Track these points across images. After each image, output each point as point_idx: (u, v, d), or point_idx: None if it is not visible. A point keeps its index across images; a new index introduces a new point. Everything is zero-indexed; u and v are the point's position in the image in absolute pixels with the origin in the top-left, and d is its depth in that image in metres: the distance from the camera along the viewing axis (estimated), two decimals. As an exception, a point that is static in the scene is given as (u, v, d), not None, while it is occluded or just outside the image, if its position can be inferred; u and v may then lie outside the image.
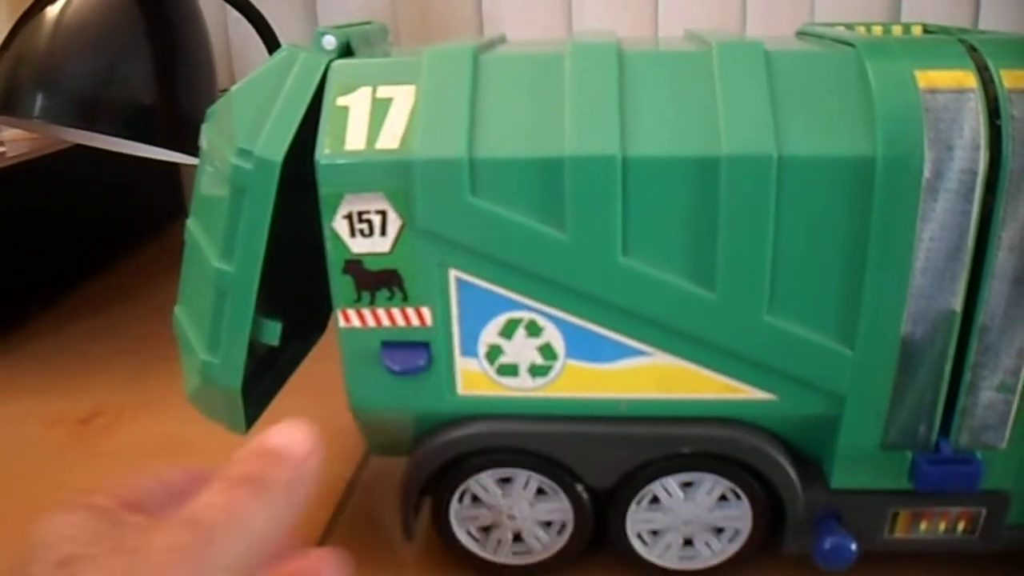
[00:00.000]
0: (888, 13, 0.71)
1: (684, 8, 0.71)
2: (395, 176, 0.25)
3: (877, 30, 0.33)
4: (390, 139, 0.25)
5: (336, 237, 0.25)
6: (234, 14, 0.59)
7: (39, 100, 0.40)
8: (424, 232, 0.25)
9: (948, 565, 0.29)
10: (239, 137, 0.26)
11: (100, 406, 0.44)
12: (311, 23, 0.74)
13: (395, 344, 0.26)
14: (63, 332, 0.53)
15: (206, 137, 0.29)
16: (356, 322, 0.26)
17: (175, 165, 0.74)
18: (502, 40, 0.31)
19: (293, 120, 0.25)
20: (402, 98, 0.25)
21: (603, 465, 0.27)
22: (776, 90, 0.24)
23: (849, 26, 0.34)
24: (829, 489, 0.27)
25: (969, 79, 0.24)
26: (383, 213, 0.25)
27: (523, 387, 0.27)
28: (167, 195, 0.75)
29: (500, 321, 0.26)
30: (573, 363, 0.26)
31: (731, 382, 0.26)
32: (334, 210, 0.25)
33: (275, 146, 0.25)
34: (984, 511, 0.27)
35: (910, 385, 0.26)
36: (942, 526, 0.28)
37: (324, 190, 0.25)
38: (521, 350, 0.26)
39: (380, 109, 0.25)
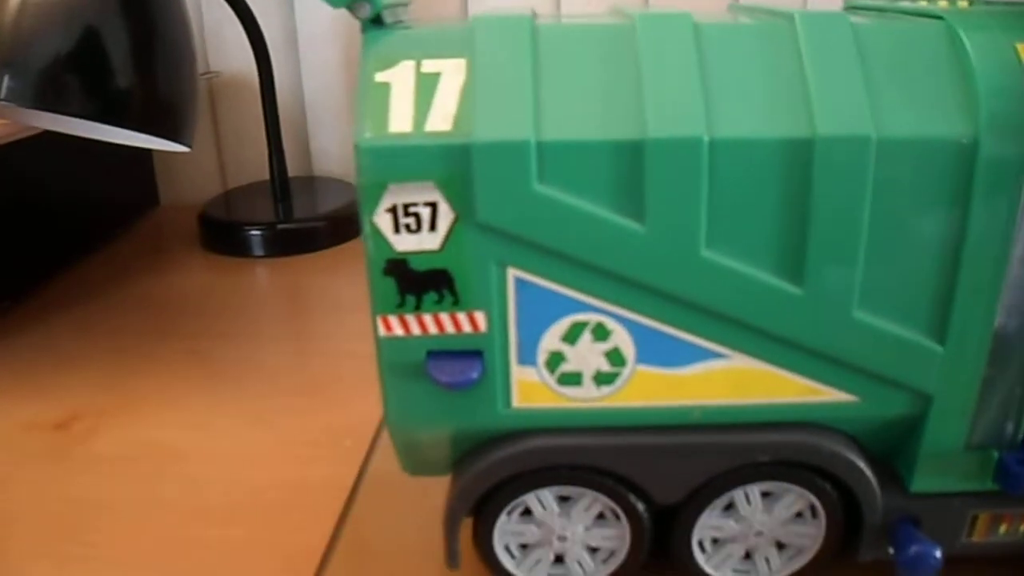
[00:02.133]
0: None
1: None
2: (449, 162, 0.21)
3: (924, 3, 0.31)
4: (441, 120, 0.21)
5: (377, 233, 0.22)
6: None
7: (6, 81, 0.35)
8: (482, 226, 0.22)
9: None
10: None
11: (78, 409, 0.39)
12: (288, 4, 0.69)
13: (443, 354, 0.23)
14: (33, 330, 0.48)
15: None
16: (399, 330, 0.23)
17: (147, 153, 0.68)
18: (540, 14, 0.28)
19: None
20: (452, 73, 0.22)
21: (673, 479, 0.25)
22: (868, 66, 0.22)
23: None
24: (908, 493, 0.25)
25: (1070, 53, 0.22)
26: (433, 205, 0.22)
27: (587, 397, 0.24)
28: (140, 185, 0.69)
29: (564, 325, 0.23)
30: (643, 368, 0.23)
31: (812, 384, 0.24)
32: (376, 202, 0.22)
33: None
34: (1066, 511, 0.26)
35: (1000, 381, 0.24)
36: (1022, 527, 0.26)
37: (365, 179, 0.21)
38: (586, 356, 0.23)
39: (427, 85, 0.22)
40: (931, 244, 0.23)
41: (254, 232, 0.58)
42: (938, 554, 0.25)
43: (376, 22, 0.23)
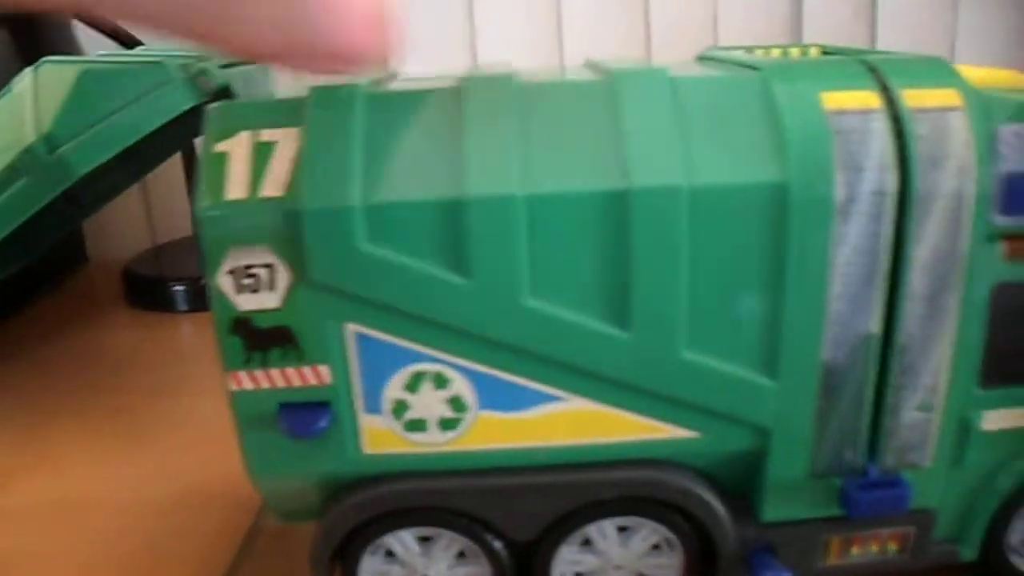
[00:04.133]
0: (790, 35, 0.73)
1: (587, 37, 0.71)
2: (282, 226, 0.23)
3: (775, 53, 0.33)
4: (274, 187, 0.23)
5: (221, 294, 0.23)
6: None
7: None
8: (317, 285, 0.23)
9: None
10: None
11: (-5, 467, 0.40)
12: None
13: (293, 405, 0.24)
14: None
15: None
16: (248, 384, 0.24)
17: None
18: (393, 76, 0.29)
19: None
20: (286, 141, 0.23)
21: (524, 517, 0.26)
22: (683, 118, 0.23)
23: (749, 49, 0.33)
24: (760, 523, 0.26)
25: (873, 99, 0.24)
26: (270, 266, 0.23)
27: (433, 442, 0.25)
28: (67, 242, 0.69)
29: (404, 375, 0.24)
30: (485, 414, 0.25)
31: (652, 422, 0.25)
32: (217, 265, 0.23)
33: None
34: (913, 530, 0.27)
35: (834, 411, 0.25)
36: (874, 548, 0.27)
37: (205, 244, 0.23)
38: (429, 404, 0.24)
39: (262, 154, 0.23)
40: (753, 284, 0.24)
41: (178, 287, 0.59)
42: (784, 579, 0.26)
43: (224, 94, 0.25)
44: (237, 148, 0.23)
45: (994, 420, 0.26)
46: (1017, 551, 0.29)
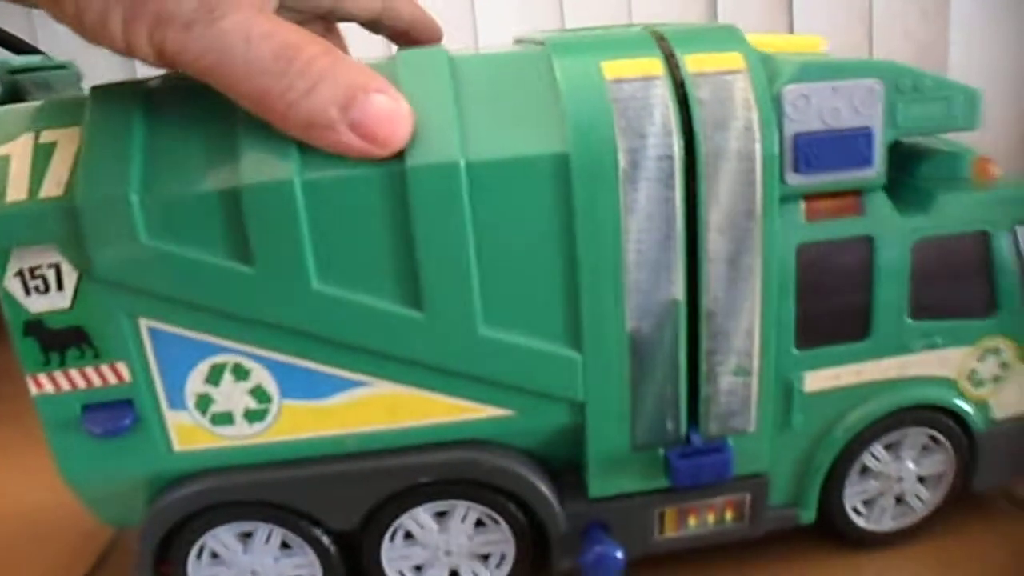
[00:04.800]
0: (705, 18, 0.73)
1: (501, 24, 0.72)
2: (63, 224, 0.23)
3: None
4: (54, 186, 0.23)
5: (10, 297, 0.23)
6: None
7: None
8: (103, 282, 0.23)
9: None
10: None
11: None
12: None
13: (96, 406, 0.24)
14: None
15: None
16: (49, 387, 0.24)
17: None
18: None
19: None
20: (67, 141, 0.23)
21: (341, 506, 0.25)
22: (463, 95, 0.23)
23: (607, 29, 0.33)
24: (589, 498, 0.26)
25: (655, 66, 0.23)
26: (56, 266, 0.23)
27: (242, 435, 0.25)
28: None
29: (203, 368, 0.24)
30: (289, 403, 0.24)
31: (462, 403, 0.25)
32: (3, 268, 0.23)
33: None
34: (748, 496, 0.26)
35: (648, 381, 0.25)
36: (711, 518, 0.27)
37: None
38: (231, 396, 0.24)
39: (42, 155, 0.23)
40: (547, 256, 0.23)
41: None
42: (619, 555, 0.25)
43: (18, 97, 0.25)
44: (17, 151, 0.23)
45: (815, 381, 0.26)
46: (857, 509, 0.28)
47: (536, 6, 0.75)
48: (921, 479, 0.28)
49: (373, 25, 0.32)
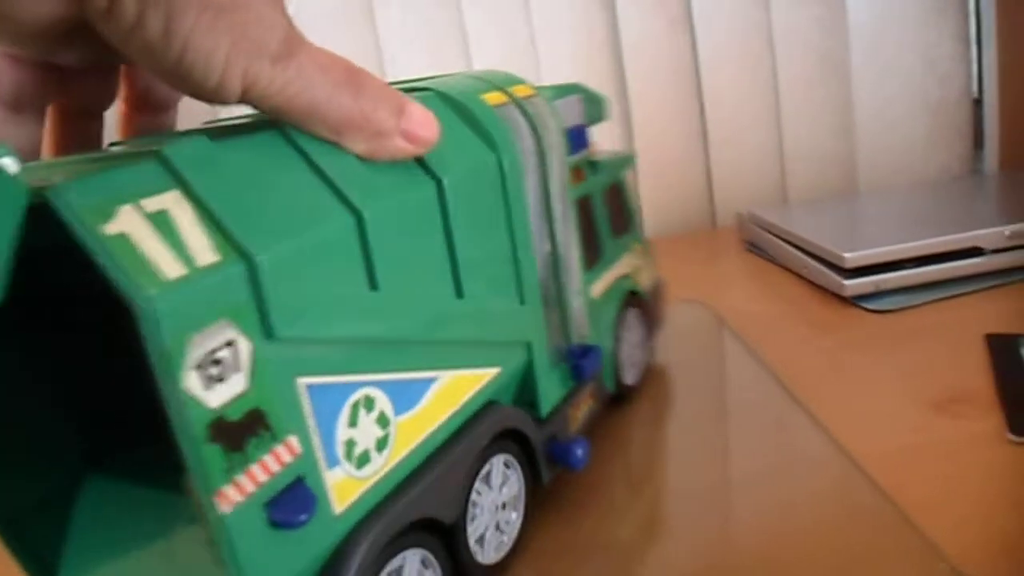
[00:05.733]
0: (609, 49, 0.76)
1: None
2: (235, 290, 0.20)
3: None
4: (205, 253, 0.19)
5: (191, 399, 0.19)
6: None
7: None
8: (278, 342, 0.21)
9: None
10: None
11: None
12: None
13: (278, 498, 0.21)
14: None
15: None
16: (237, 497, 0.20)
17: None
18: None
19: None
20: (176, 207, 0.20)
21: (453, 498, 0.27)
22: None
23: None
24: (542, 420, 0.33)
25: (505, 95, 0.32)
26: (232, 343, 0.20)
27: (377, 468, 0.24)
28: None
29: (346, 412, 0.23)
30: (400, 420, 0.25)
31: (480, 371, 0.29)
32: (180, 363, 0.18)
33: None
34: (597, 384, 0.37)
35: (550, 314, 0.33)
36: (585, 407, 0.36)
37: (165, 340, 0.18)
38: (367, 431, 0.24)
39: (163, 225, 0.19)
40: (502, 236, 0.30)
41: None
42: (587, 444, 0.33)
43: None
44: (133, 225, 0.19)
45: (596, 290, 0.38)
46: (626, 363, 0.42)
47: (443, 47, 0.74)
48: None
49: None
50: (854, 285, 0.52)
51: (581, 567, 0.31)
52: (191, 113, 0.31)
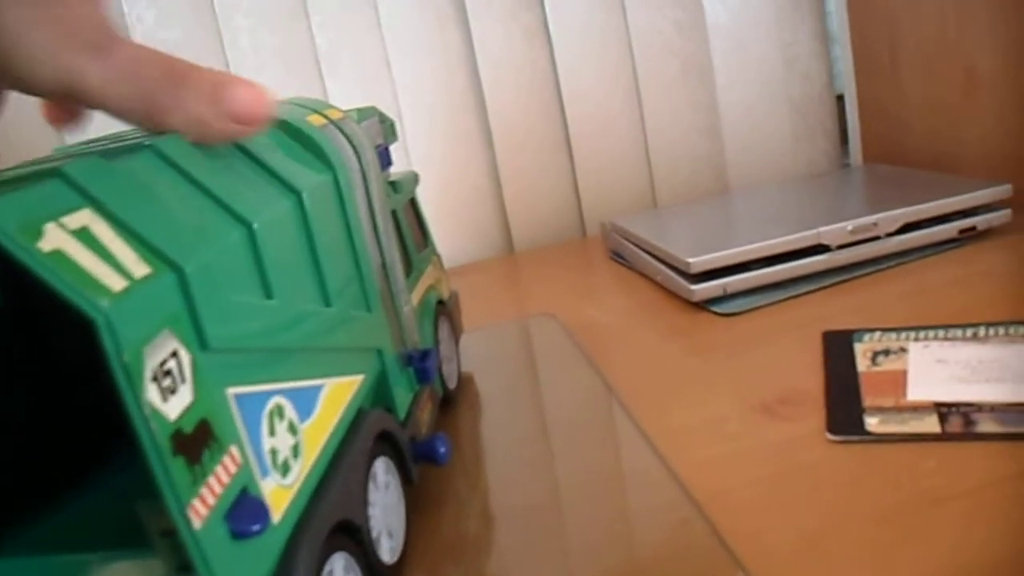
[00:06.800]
0: (466, 64, 0.74)
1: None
2: (174, 301, 0.19)
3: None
4: (137, 265, 0.19)
5: (154, 412, 0.18)
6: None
7: None
8: (212, 352, 0.20)
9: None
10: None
11: None
12: None
13: (232, 509, 0.20)
14: None
15: None
16: (204, 510, 0.19)
17: None
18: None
19: None
20: (93, 223, 0.19)
21: (360, 498, 0.28)
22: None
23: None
24: (401, 423, 0.34)
25: (322, 117, 0.33)
26: (176, 353, 0.19)
27: (296, 475, 0.24)
28: None
29: (265, 422, 0.23)
30: (305, 426, 0.25)
31: (351, 379, 0.30)
32: (140, 376, 0.18)
33: None
34: (433, 387, 0.39)
35: (390, 319, 0.35)
36: (428, 409, 0.38)
37: (124, 353, 0.17)
38: (283, 438, 0.24)
39: (89, 240, 0.18)
40: (347, 249, 0.31)
41: None
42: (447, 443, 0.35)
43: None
44: (62, 243, 0.18)
45: (413, 299, 0.40)
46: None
47: (296, 72, 0.72)
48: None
49: None
50: (702, 289, 0.52)
51: (463, 563, 0.32)
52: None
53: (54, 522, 0.28)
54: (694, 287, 0.52)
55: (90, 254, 0.18)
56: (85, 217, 0.19)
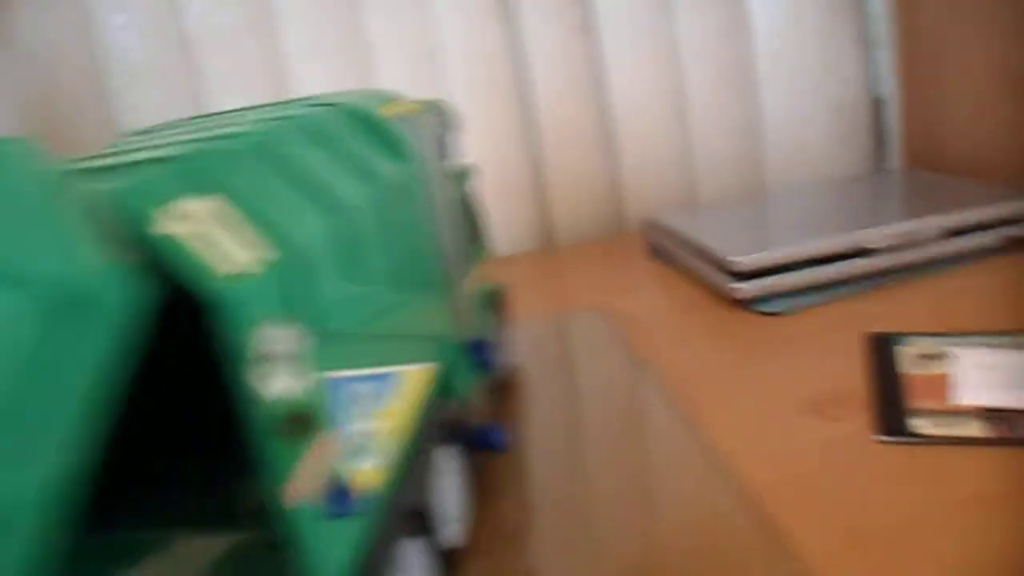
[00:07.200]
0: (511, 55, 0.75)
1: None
2: (292, 284, 0.20)
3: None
4: (262, 248, 0.20)
5: (262, 391, 0.19)
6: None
7: None
8: (316, 336, 0.21)
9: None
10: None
11: None
12: None
13: (326, 490, 0.21)
14: None
15: None
16: (300, 489, 0.20)
17: None
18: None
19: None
20: (216, 207, 0.20)
21: (429, 484, 0.29)
22: None
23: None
24: (465, 410, 0.35)
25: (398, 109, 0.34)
26: (287, 336, 0.20)
27: (376, 460, 0.25)
28: None
29: (348, 405, 0.24)
30: (383, 412, 0.26)
31: (423, 366, 0.31)
32: (255, 355, 0.19)
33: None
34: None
35: (455, 312, 0.36)
36: None
37: (237, 328, 0.18)
38: (363, 424, 0.25)
39: (215, 221, 0.19)
40: (417, 239, 0.32)
41: None
42: (503, 431, 0.36)
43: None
44: (189, 222, 0.19)
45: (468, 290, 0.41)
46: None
47: (345, 63, 0.73)
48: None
49: None
50: (744, 289, 0.53)
51: (530, 548, 0.33)
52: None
53: (143, 503, 0.29)
54: (736, 286, 0.53)
55: (215, 235, 0.19)
56: (209, 201, 0.20)
